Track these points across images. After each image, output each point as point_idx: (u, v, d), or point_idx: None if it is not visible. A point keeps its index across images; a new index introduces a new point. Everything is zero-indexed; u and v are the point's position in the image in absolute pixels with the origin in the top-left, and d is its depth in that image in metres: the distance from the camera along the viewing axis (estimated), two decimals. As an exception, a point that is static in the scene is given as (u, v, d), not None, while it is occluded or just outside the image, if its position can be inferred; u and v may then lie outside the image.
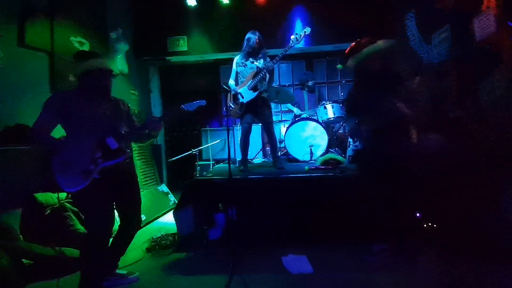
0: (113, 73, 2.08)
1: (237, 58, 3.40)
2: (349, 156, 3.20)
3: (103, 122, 1.98)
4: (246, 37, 3.31)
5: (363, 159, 2.48)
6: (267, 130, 3.41)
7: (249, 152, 3.48)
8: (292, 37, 3.11)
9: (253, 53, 3.29)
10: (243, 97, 3.25)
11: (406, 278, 2.06)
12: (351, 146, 3.25)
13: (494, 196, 2.34)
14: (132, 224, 2.19)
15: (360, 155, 2.47)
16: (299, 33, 3.10)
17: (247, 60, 3.31)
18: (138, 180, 2.22)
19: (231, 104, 3.35)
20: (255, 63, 3.29)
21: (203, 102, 2.23)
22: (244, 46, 3.32)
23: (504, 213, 2.30)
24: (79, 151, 1.88)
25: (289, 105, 4.84)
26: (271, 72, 3.30)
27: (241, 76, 3.35)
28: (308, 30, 3.09)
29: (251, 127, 3.37)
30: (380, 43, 2.28)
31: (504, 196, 2.31)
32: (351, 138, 2.48)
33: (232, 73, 3.44)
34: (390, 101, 2.17)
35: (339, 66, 3.32)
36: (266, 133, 3.45)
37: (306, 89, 4.89)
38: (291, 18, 4.92)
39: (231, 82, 3.42)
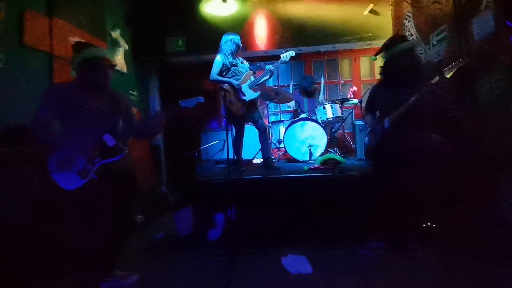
0: (111, 63, 2.00)
1: (223, 58, 3.33)
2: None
3: (101, 117, 1.92)
4: (231, 37, 3.34)
5: (379, 153, 2.49)
6: (264, 131, 3.41)
7: (248, 152, 3.49)
8: (283, 55, 3.32)
9: (238, 53, 3.37)
10: (244, 95, 3.25)
11: (405, 277, 2.06)
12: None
13: (494, 196, 2.35)
14: (126, 223, 2.18)
15: (377, 149, 2.48)
16: (286, 55, 3.31)
17: (234, 59, 3.34)
18: (136, 179, 2.21)
19: (232, 99, 3.30)
20: (244, 63, 3.41)
21: (201, 99, 2.20)
22: (231, 45, 3.32)
23: (504, 213, 2.30)
24: (76, 149, 1.82)
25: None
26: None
27: (235, 74, 3.34)
28: (293, 53, 3.34)
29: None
30: (414, 41, 2.34)
31: (503, 196, 2.31)
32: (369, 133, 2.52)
33: (217, 68, 3.32)
34: (415, 97, 2.20)
35: (373, 58, 3.36)
36: (262, 134, 3.42)
37: (305, 95, 4.84)
38: (290, 18, 4.91)
39: (219, 76, 3.34)
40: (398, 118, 2.33)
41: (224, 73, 3.31)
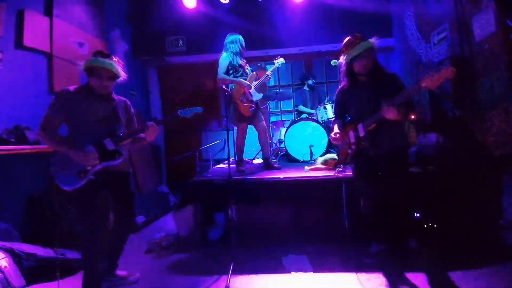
0: (115, 76, 2.04)
1: (230, 57, 3.30)
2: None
3: (103, 122, 1.98)
4: (237, 38, 3.33)
5: (354, 160, 2.39)
6: (264, 133, 3.40)
7: (249, 152, 3.47)
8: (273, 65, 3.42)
9: (242, 54, 3.36)
10: (252, 96, 3.25)
11: (406, 277, 2.06)
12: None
13: (494, 196, 2.34)
14: (126, 224, 2.21)
15: (360, 157, 2.34)
16: (278, 63, 3.40)
17: (241, 60, 3.34)
18: (136, 180, 2.22)
19: (242, 99, 3.25)
20: (247, 65, 3.41)
21: (199, 109, 2.25)
22: (238, 46, 3.31)
23: (504, 213, 2.30)
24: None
25: (301, 107, 4.83)
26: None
27: (243, 75, 3.32)
28: (283, 60, 3.41)
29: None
30: (374, 40, 2.21)
31: (504, 196, 2.31)
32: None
33: (224, 67, 3.28)
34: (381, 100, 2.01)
35: (333, 62, 3.28)
36: (262, 135, 3.41)
37: (306, 87, 4.88)
38: (290, 17, 4.91)
39: (226, 75, 3.31)
40: (373, 124, 2.13)
41: (230, 73, 3.30)
